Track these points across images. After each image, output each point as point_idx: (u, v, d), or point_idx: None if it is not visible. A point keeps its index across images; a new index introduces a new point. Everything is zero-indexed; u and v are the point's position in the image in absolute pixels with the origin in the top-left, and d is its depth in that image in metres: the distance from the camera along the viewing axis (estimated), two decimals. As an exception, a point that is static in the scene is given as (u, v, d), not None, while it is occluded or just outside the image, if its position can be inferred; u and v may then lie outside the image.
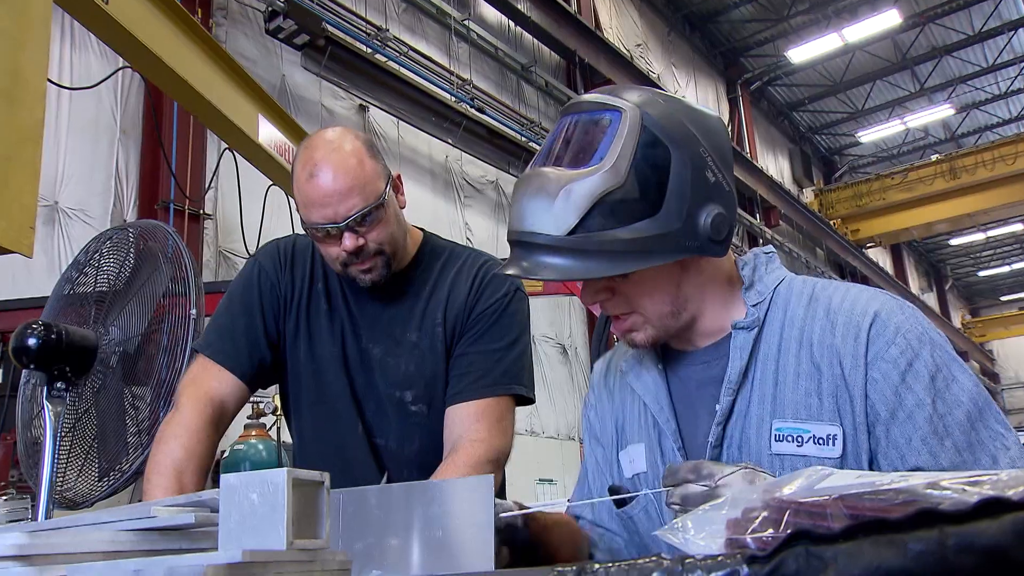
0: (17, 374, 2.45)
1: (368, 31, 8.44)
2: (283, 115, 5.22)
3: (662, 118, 1.06)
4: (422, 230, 1.80)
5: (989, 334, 26.51)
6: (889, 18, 15.38)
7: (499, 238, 9.99)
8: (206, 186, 6.54)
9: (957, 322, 26.16)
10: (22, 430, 2.40)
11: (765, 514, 0.64)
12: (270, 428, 4.86)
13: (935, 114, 19.37)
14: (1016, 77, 18.43)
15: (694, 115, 1.10)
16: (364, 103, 8.39)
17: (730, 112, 17.10)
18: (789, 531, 0.55)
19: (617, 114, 1.06)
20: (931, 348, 1.06)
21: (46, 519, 1.87)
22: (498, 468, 1.57)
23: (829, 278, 1.24)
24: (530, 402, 1.70)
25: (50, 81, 3.45)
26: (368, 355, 1.69)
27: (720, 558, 0.52)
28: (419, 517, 0.86)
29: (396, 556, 0.86)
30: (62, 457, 2.22)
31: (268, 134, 4.92)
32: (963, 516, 0.48)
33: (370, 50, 8.22)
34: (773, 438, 1.09)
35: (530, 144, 10.24)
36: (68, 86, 5.63)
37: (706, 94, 16.31)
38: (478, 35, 10.32)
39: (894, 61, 17.95)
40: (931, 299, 24.74)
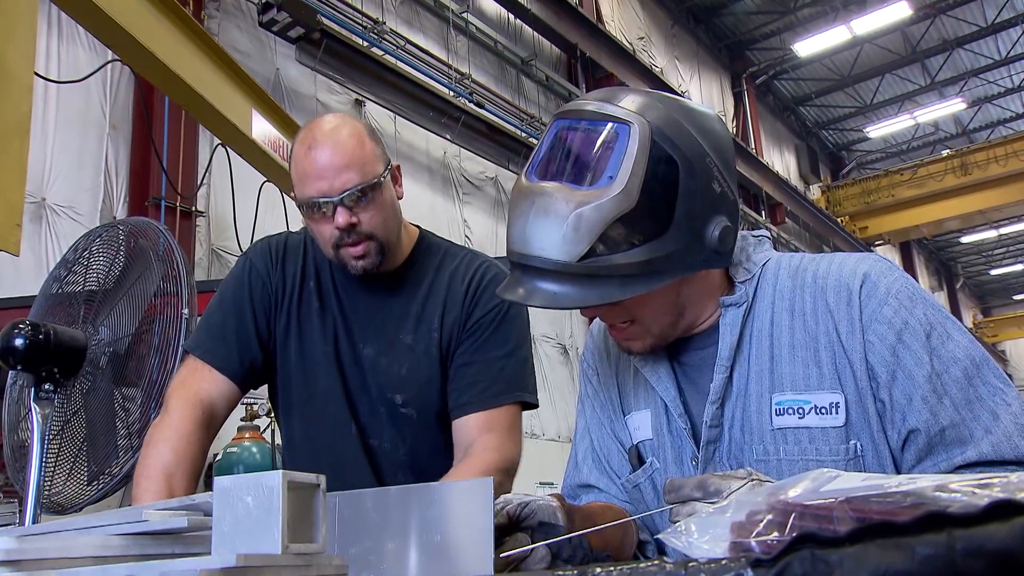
0: (3, 375, 2.45)
1: (364, 24, 8.44)
2: (277, 110, 5.22)
3: (668, 128, 1.05)
4: (418, 227, 1.81)
5: (1001, 334, 26.50)
6: (899, 10, 15.36)
7: (499, 236, 9.99)
8: (198, 182, 6.54)
9: (969, 322, 26.16)
10: (8, 433, 2.40)
11: (770, 517, 0.65)
12: (264, 430, 4.87)
13: (946, 108, 19.36)
14: (1029, 70, 18.46)
15: (695, 118, 1.09)
16: (360, 98, 8.39)
17: (735, 107, 17.11)
18: (794, 534, 0.56)
19: (625, 128, 1.05)
20: (924, 306, 1.08)
21: (33, 525, 1.87)
22: (508, 478, 1.58)
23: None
24: (534, 407, 1.71)
25: (37, 74, 3.45)
26: (360, 355, 1.69)
27: (724, 562, 0.52)
28: (417, 521, 0.86)
29: (393, 560, 0.86)
30: (50, 461, 2.22)
31: (262, 129, 4.92)
32: (972, 519, 0.48)
33: (366, 43, 8.22)
34: (774, 412, 1.10)
35: (530, 140, 10.23)
36: (56, 79, 5.62)
37: (710, 88, 16.31)
38: (477, 28, 10.32)
39: (904, 54, 17.95)
40: (942, 298, 24.74)
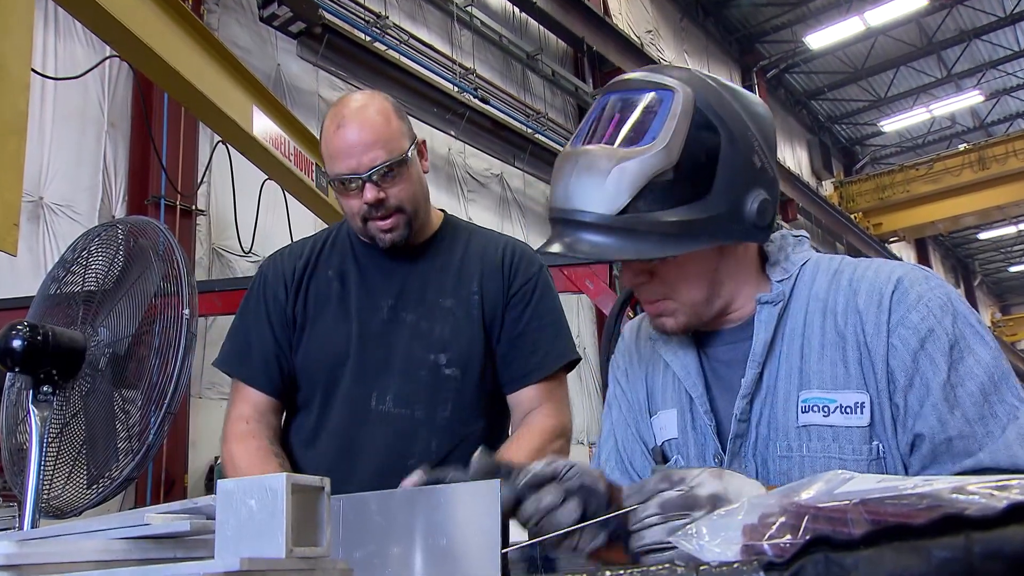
0: (1, 378, 2.46)
1: (367, 18, 8.45)
2: (278, 106, 5.23)
3: (712, 99, 1.10)
4: (443, 210, 1.91)
5: (1020, 333, 26.37)
6: (914, 0, 15.32)
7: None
8: (198, 181, 6.56)
9: (987, 320, 26.02)
10: (6, 436, 2.41)
11: (783, 519, 0.65)
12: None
13: (963, 101, 19.29)
14: (1049, 62, 18.37)
15: (739, 97, 1.14)
16: (362, 93, 8.39)
17: (746, 101, 17.05)
18: (808, 537, 0.56)
19: (668, 93, 1.09)
20: (954, 318, 1.09)
21: (34, 529, 1.88)
22: (568, 443, 1.75)
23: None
24: (578, 361, 1.84)
25: (34, 71, 3.46)
26: (400, 322, 1.75)
27: (736, 565, 0.52)
28: (422, 524, 0.87)
29: (398, 564, 0.86)
30: (49, 464, 2.23)
31: (263, 126, 4.93)
32: (990, 522, 0.48)
33: (369, 38, 8.23)
34: (800, 410, 1.12)
35: (536, 136, 10.24)
36: (53, 76, 5.65)
37: (721, 82, 16.27)
38: (482, 22, 10.32)
39: (919, 45, 17.88)
40: (958, 296, 24.59)
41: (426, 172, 1.78)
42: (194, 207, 6.55)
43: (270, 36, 7.62)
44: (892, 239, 19.75)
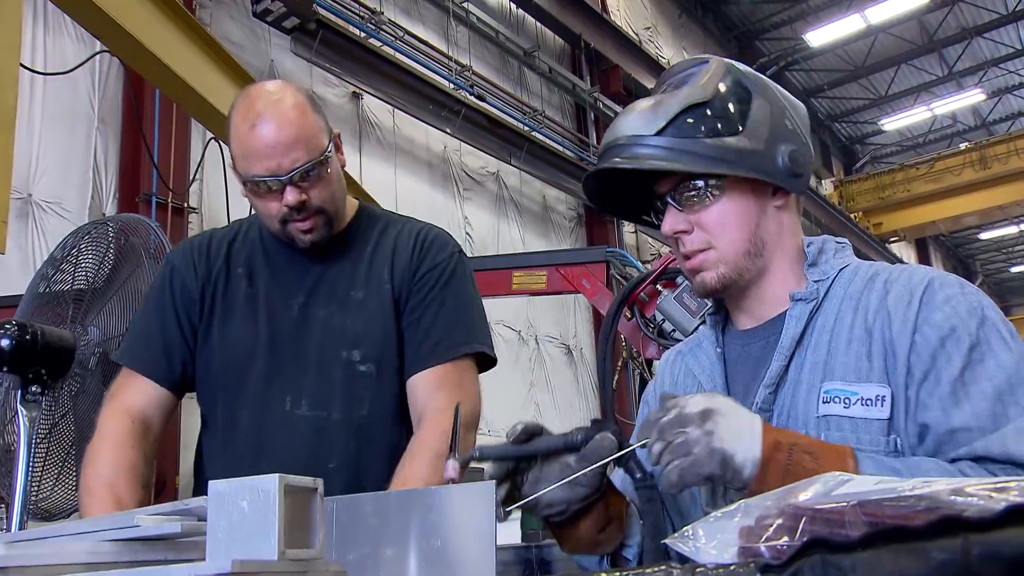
0: (-10, 377, 2.45)
1: (361, 14, 8.44)
2: (271, 103, 5.21)
3: (746, 71, 1.25)
4: (357, 199, 1.84)
5: (1022, 334, 26.43)
6: (914, -3, 15.36)
7: (500, 233, 10.00)
8: (190, 178, 6.55)
9: (987, 321, 26.05)
10: (-5, 437, 2.40)
11: (780, 521, 0.65)
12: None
13: (964, 100, 19.34)
14: (1051, 60, 18.41)
15: (776, 86, 1.27)
16: (357, 90, 8.39)
17: (745, 99, 17.09)
18: (805, 539, 0.56)
19: (704, 62, 1.25)
20: (980, 322, 1.11)
21: (22, 531, 1.87)
22: (468, 430, 1.60)
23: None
24: (493, 362, 1.74)
25: (22, 66, 3.46)
26: (311, 319, 1.69)
27: (733, 567, 0.53)
28: (416, 526, 0.87)
29: (392, 567, 0.87)
30: (37, 465, 2.23)
31: (255, 123, 4.92)
32: (989, 524, 0.48)
33: (364, 34, 8.23)
34: (821, 400, 1.15)
35: (533, 134, 10.24)
36: (42, 71, 5.64)
37: (720, 79, 16.30)
38: (478, 18, 10.32)
39: (920, 43, 17.93)
40: (959, 297, 24.66)
41: (343, 166, 1.72)
42: (186, 205, 6.54)
43: (263, 32, 7.61)
44: (892, 239, 19.79)
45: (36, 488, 2.23)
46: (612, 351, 4.29)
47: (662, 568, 0.54)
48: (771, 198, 1.24)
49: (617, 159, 1.20)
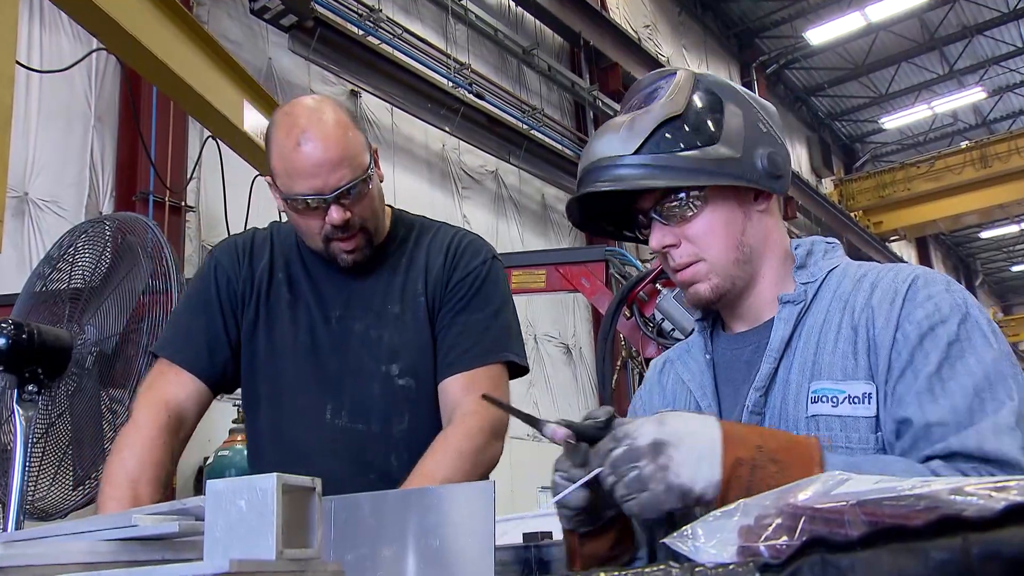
0: (-14, 377, 2.45)
1: (360, 12, 8.43)
2: (270, 101, 5.21)
3: (713, 79, 1.26)
4: (390, 206, 1.83)
5: (1023, 333, 26.46)
6: (915, -5, 15.36)
7: (499, 232, 9.99)
8: (188, 177, 6.54)
9: (988, 321, 26.02)
10: (-8, 436, 2.40)
11: (779, 521, 0.65)
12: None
13: (965, 98, 19.32)
14: (1052, 58, 18.41)
15: (744, 90, 1.28)
16: (356, 88, 8.39)
17: (745, 97, 17.07)
18: (804, 538, 0.56)
19: (671, 75, 1.26)
20: (962, 319, 1.11)
21: (19, 531, 1.87)
22: (495, 437, 1.60)
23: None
24: (524, 370, 1.74)
25: (18, 63, 3.45)
26: (348, 332, 1.70)
27: (732, 567, 0.53)
28: (415, 526, 0.87)
29: (391, 566, 0.87)
30: (34, 465, 2.23)
31: (254, 121, 4.92)
32: (988, 523, 0.48)
33: (362, 32, 8.22)
34: (809, 400, 1.16)
35: (532, 132, 10.24)
36: (38, 69, 5.63)
37: (720, 78, 16.29)
38: (477, 16, 10.31)
39: (921, 41, 17.92)
40: (960, 296, 24.63)
41: (382, 180, 1.71)
42: (183, 203, 6.53)
43: (261, 29, 7.60)
44: (893, 238, 19.78)
45: (32, 488, 2.23)
46: (611, 350, 4.29)
47: (662, 567, 0.54)
48: (753, 203, 1.25)
49: (599, 182, 1.20)
